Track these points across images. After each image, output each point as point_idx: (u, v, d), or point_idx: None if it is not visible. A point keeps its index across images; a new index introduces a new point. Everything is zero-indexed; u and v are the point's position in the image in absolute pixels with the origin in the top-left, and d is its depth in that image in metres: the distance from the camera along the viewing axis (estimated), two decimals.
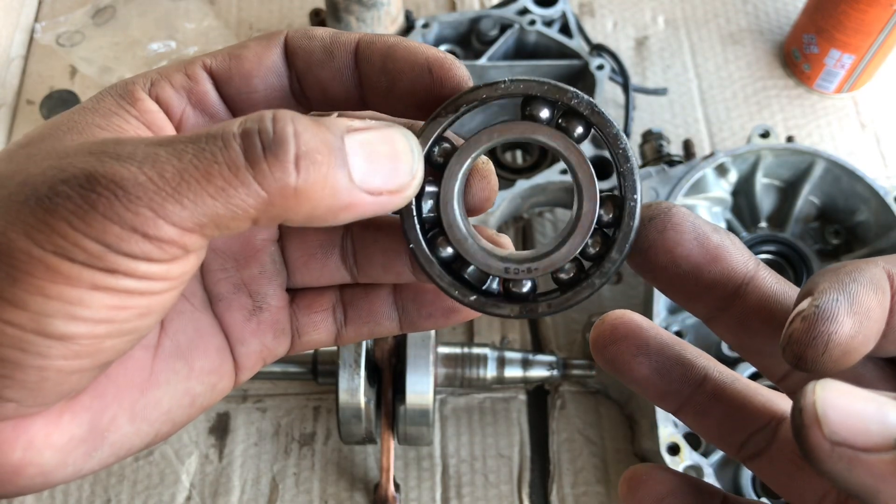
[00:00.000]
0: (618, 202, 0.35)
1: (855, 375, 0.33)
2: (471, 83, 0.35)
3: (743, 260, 0.33)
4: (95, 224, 0.28)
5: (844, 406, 0.27)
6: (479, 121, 1.00)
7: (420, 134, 0.35)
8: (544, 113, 0.34)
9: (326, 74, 0.36)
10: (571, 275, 0.35)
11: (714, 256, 0.33)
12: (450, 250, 0.36)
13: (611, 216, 0.35)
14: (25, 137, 0.33)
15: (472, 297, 0.35)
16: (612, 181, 0.87)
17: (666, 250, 0.34)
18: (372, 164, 0.31)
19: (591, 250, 0.35)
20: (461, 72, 0.35)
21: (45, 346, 0.29)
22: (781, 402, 0.37)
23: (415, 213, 0.35)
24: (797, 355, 0.29)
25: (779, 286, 0.34)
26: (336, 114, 0.38)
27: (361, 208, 0.31)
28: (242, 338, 0.40)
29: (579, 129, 0.34)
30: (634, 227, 0.34)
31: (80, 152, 0.29)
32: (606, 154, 0.86)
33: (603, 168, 0.86)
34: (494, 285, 0.37)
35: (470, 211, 0.38)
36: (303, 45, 0.36)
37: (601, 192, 0.34)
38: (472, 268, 0.36)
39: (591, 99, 0.34)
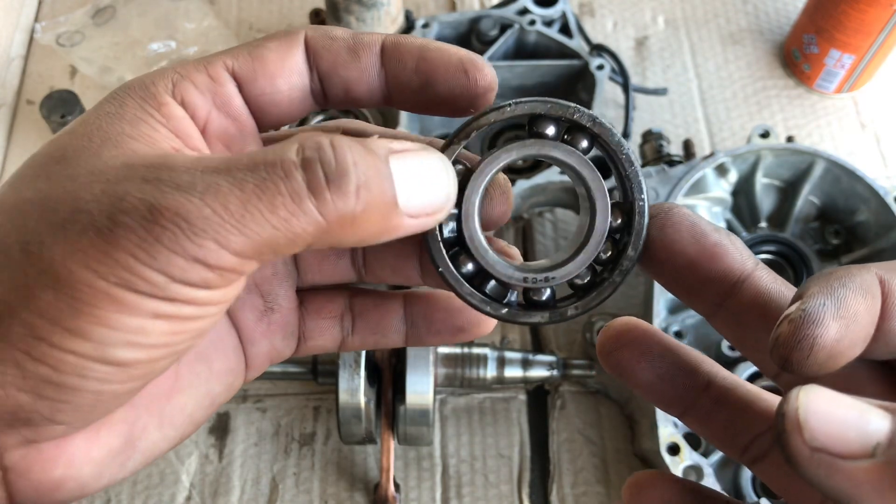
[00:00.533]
0: (624, 208, 0.37)
1: (847, 377, 0.33)
2: (496, 84, 0.37)
3: (740, 258, 0.34)
4: (160, 256, 0.28)
5: (826, 412, 0.27)
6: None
7: None
8: (550, 130, 0.36)
9: (352, 75, 0.36)
10: (587, 280, 0.38)
11: (710, 254, 0.34)
12: (471, 266, 0.37)
13: (619, 222, 0.37)
14: (57, 149, 0.32)
15: (504, 311, 0.37)
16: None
17: (664, 247, 0.35)
18: (414, 188, 0.32)
19: (603, 255, 0.37)
20: (491, 71, 0.37)
21: (105, 372, 0.30)
22: None
23: (439, 236, 0.37)
24: (783, 357, 0.30)
25: (775, 285, 0.34)
26: (377, 136, 0.39)
27: (402, 231, 0.33)
28: (253, 338, 0.40)
29: (584, 143, 0.36)
30: (645, 224, 0.36)
31: (133, 178, 0.29)
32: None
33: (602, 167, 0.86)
34: (514, 297, 0.38)
35: (486, 225, 0.38)
36: (326, 46, 0.36)
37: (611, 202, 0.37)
38: (493, 282, 0.38)
39: (591, 112, 0.36)
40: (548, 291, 0.38)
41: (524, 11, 0.99)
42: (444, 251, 0.37)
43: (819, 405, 0.27)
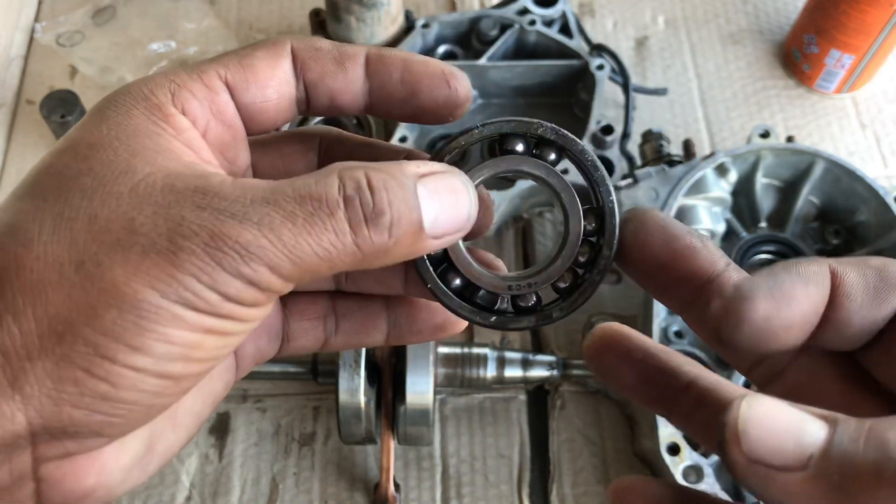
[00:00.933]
0: (597, 212, 0.39)
1: (810, 372, 0.35)
2: (471, 93, 0.40)
3: (710, 259, 0.35)
4: (219, 278, 0.31)
5: (764, 424, 0.28)
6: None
7: None
8: (520, 146, 0.39)
9: (338, 85, 0.38)
10: (569, 282, 0.40)
11: (681, 255, 0.35)
12: (458, 281, 0.40)
13: (593, 226, 0.39)
14: (75, 159, 0.33)
15: (493, 319, 0.40)
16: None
17: (637, 248, 0.37)
18: (438, 210, 0.35)
19: (582, 258, 0.40)
20: (467, 81, 0.39)
21: (160, 386, 0.32)
22: None
23: (425, 255, 0.39)
24: (714, 330, 0.32)
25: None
26: (403, 156, 0.41)
27: (426, 251, 0.35)
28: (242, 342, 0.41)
29: (552, 155, 0.39)
30: (617, 223, 0.38)
31: (184, 203, 0.31)
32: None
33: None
34: (504, 304, 0.41)
35: (469, 236, 0.40)
36: (313, 56, 0.38)
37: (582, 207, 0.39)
38: (482, 292, 0.40)
39: (553, 125, 0.38)
40: (533, 297, 0.40)
41: (524, 11, 0.99)
42: (431, 269, 0.39)
43: (759, 416, 0.28)
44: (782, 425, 0.28)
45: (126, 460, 0.35)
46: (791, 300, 0.31)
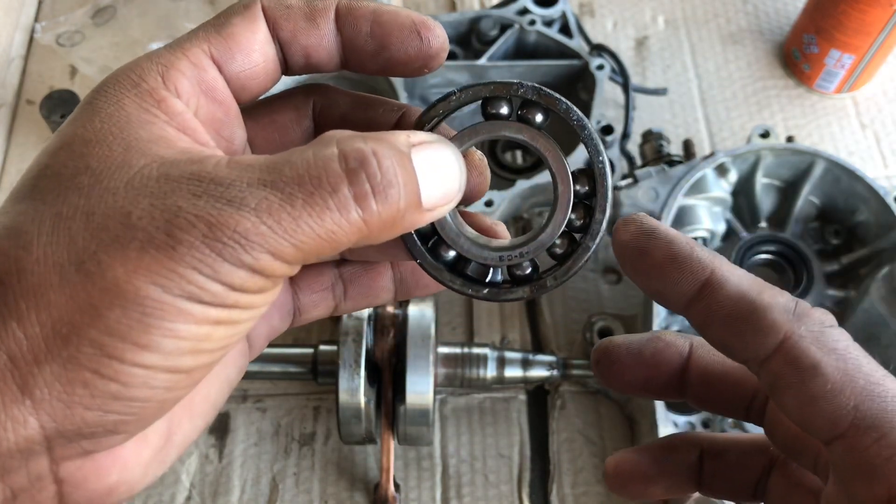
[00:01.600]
0: (589, 174, 0.38)
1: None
2: (447, 44, 0.39)
3: (701, 264, 0.36)
4: (222, 269, 0.30)
5: None
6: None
7: None
8: (504, 109, 0.38)
9: (312, 41, 0.37)
10: (565, 248, 0.39)
11: (677, 260, 0.36)
12: (451, 253, 0.39)
13: (587, 188, 0.38)
14: (72, 157, 0.32)
15: (485, 291, 0.39)
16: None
17: (638, 255, 0.37)
18: (432, 181, 0.34)
19: (578, 223, 0.38)
20: (443, 32, 0.38)
21: (172, 380, 0.31)
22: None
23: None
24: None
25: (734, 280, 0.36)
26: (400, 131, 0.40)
27: (422, 223, 0.35)
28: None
29: (539, 116, 0.38)
30: (609, 185, 0.37)
31: (179, 192, 0.30)
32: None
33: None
34: (498, 276, 0.39)
35: (465, 200, 0.39)
36: (284, 15, 0.37)
37: (573, 169, 0.38)
38: (472, 264, 0.39)
39: (534, 84, 0.37)
40: (529, 266, 0.39)
41: (524, 11, 0.99)
42: (419, 243, 0.38)
43: None
44: None
45: (147, 454, 0.35)
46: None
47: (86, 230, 0.30)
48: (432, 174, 0.34)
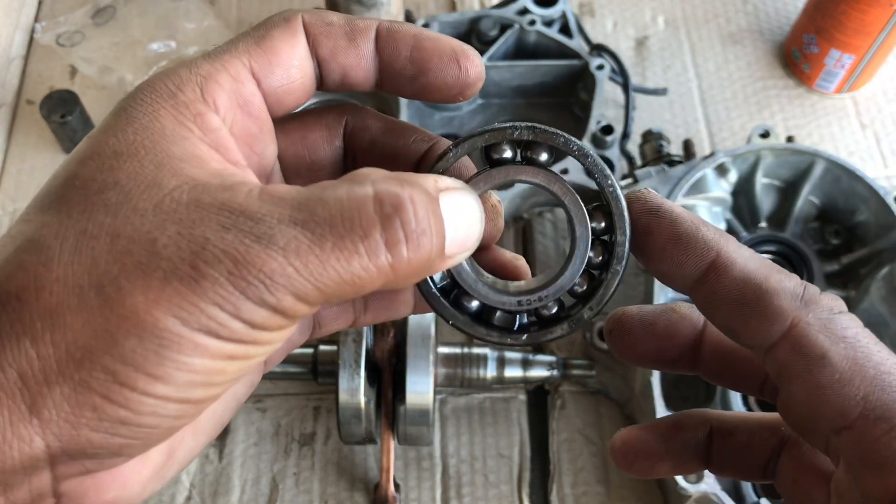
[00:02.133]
0: (604, 209, 0.37)
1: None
2: (484, 74, 0.38)
3: (707, 243, 0.36)
4: (244, 308, 0.30)
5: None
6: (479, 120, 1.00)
7: (431, 168, 0.37)
8: (507, 153, 0.37)
9: (351, 61, 0.37)
10: (585, 286, 0.38)
11: (683, 239, 0.36)
12: (475, 303, 0.38)
13: (603, 225, 0.38)
14: (101, 170, 0.32)
15: (524, 337, 0.38)
16: None
17: (643, 232, 0.37)
18: (456, 232, 0.33)
19: (596, 260, 0.38)
20: (481, 62, 0.38)
21: (181, 410, 0.31)
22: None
23: (432, 285, 0.38)
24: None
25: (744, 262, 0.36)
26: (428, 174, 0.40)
27: (438, 270, 0.34)
28: None
29: (544, 155, 0.37)
30: (625, 207, 0.37)
31: (208, 222, 0.30)
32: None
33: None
34: (525, 319, 0.39)
35: (480, 247, 0.39)
36: (324, 32, 0.37)
37: (588, 207, 0.38)
38: (498, 313, 0.38)
39: (529, 123, 0.37)
40: (555, 306, 0.39)
41: (524, 11, 0.99)
42: (443, 300, 0.38)
43: None
44: None
45: (147, 473, 0.35)
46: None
47: (109, 252, 0.30)
48: (455, 222, 0.33)
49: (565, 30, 1.00)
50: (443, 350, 0.79)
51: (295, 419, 0.86)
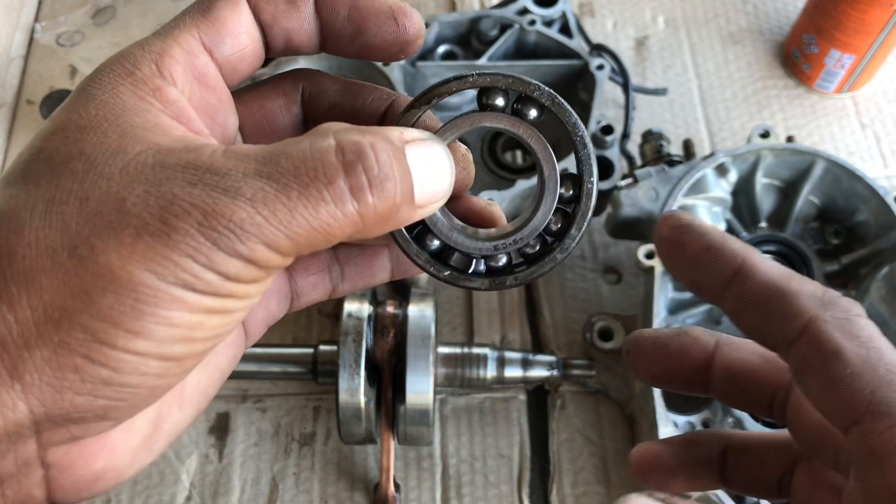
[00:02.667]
0: (576, 180, 0.39)
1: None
2: (424, 31, 0.39)
3: (732, 255, 0.37)
4: (216, 258, 0.30)
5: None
6: None
7: (396, 123, 0.38)
8: (500, 101, 0.38)
9: (293, 25, 0.38)
10: (537, 249, 0.39)
11: (712, 253, 0.37)
12: (436, 242, 0.39)
13: (570, 193, 0.39)
14: (66, 142, 0.32)
15: (446, 273, 0.39)
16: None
17: (677, 248, 0.38)
18: (425, 181, 0.34)
19: (553, 227, 0.39)
20: (419, 18, 0.39)
21: (163, 368, 0.31)
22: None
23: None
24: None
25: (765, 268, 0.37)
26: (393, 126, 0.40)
27: (411, 220, 0.35)
28: None
29: (533, 113, 0.38)
30: (591, 206, 0.38)
31: (175, 179, 0.30)
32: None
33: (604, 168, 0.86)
34: (482, 266, 0.40)
35: (451, 198, 0.39)
36: None
37: (561, 171, 0.38)
38: (457, 255, 0.39)
39: (551, 91, 0.37)
40: (504, 258, 0.40)
41: (524, 11, 0.99)
42: (406, 234, 0.39)
43: None
44: None
45: (135, 441, 0.35)
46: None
47: (79, 215, 0.30)
48: (424, 172, 0.34)
49: (565, 30, 1.00)
50: (443, 350, 0.79)
51: (295, 419, 0.86)
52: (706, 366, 0.42)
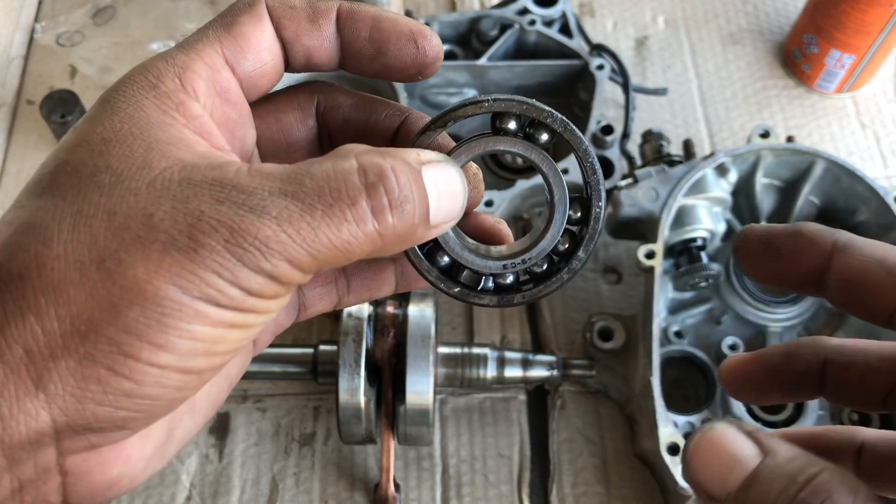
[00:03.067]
0: (585, 203, 0.40)
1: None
2: (442, 54, 0.40)
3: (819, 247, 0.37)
4: (241, 274, 0.31)
5: (703, 455, 0.31)
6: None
7: (413, 144, 0.38)
8: (512, 125, 0.39)
9: (314, 43, 0.38)
10: (544, 268, 0.40)
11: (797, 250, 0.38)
12: (447, 259, 0.40)
13: (578, 215, 0.40)
14: (91, 155, 0.33)
15: (456, 290, 0.40)
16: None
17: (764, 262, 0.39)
18: (440, 202, 0.35)
19: (561, 247, 0.40)
20: (438, 42, 0.39)
21: (184, 381, 0.32)
22: None
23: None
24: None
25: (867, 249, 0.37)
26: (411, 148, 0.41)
27: (426, 239, 0.36)
28: None
29: (544, 137, 0.39)
30: (599, 230, 0.39)
31: (202, 197, 0.31)
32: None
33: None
34: (490, 283, 0.41)
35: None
36: (287, 15, 0.38)
37: (570, 194, 0.39)
38: (466, 272, 0.40)
39: (563, 118, 0.38)
40: (511, 277, 0.41)
41: (524, 11, 0.99)
42: (418, 251, 0.40)
43: (703, 445, 0.31)
44: (719, 457, 0.31)
45: (149, 449, 0.35)
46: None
47: (107, 229, 0.31)
48: (439, 193, 0.35)
49: (565, 30, 1.00)
50: (443, 350, 0.79)
51: (295, 419, 0.86)
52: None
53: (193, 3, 1.12)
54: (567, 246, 0.40)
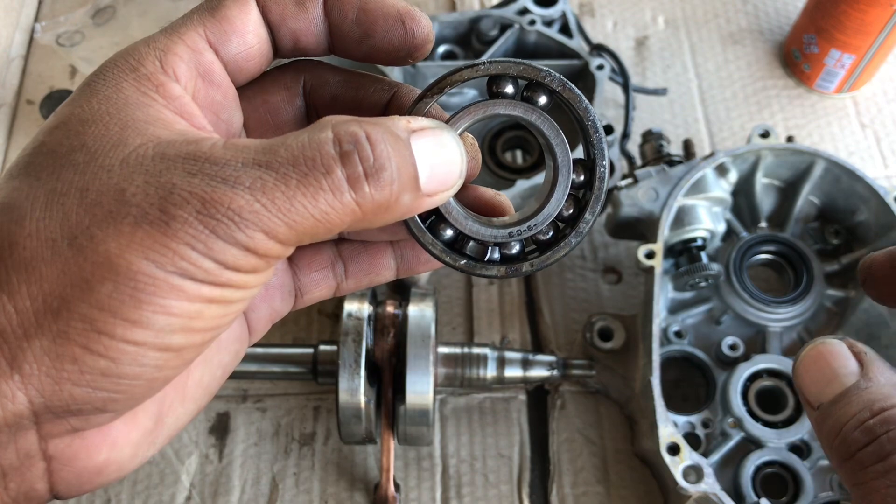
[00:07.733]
0: (587, 165, 0.39)
1: None
2: (433, 35, 0.39)
3: None
4: (215, 246, 0.30)
5: (808, 365, 0.33)
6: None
7: (408, 113, 0.38)
8: (510, 88, 0.38)
9: (301, 26, 0.38)
10: (549, 235, 0.40)
11: None
12: (450, 232, 0.39)
13: (582, 178, 0.39)
14: (68, 136, 0.32)
15: (462, 262, 0.39)
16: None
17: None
18: (433, 170, 0.34)
19: (566, 213, 0.39)
20: (428, 22, 0.39)
21: (162, 359, 0.31)
22: None
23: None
24: None
25: None
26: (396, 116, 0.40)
27: (421, 210, 0.35)
28: (253, 305, 0.42)
29: (543, 99, 0.38)
30: (605, 189, 0.38)
31: (174, 170, 0.30)
32: None
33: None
34: (496, 254, 0.40)
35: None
36: None
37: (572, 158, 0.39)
38: (471, 243, 0.39)
39: (561, 77, 0.37)
40: (517, 246, 0.40)
41: (524, 11, 0.99)
42: (420, 223, 0.39)
43: (809, 356, 0.33)
44: (820, 369, 0.32)
45: (136, 435, 0.35)
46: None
47: (79, 206, 0.30)
48: (433, 160, 0.34)
49: (565, 30, 1.00)
50: (443, 350, 0.79)
51: (295, 419, 0.86)
52: None
53: (193, 3, 1.12)
54: (571, 211, 0.39)
